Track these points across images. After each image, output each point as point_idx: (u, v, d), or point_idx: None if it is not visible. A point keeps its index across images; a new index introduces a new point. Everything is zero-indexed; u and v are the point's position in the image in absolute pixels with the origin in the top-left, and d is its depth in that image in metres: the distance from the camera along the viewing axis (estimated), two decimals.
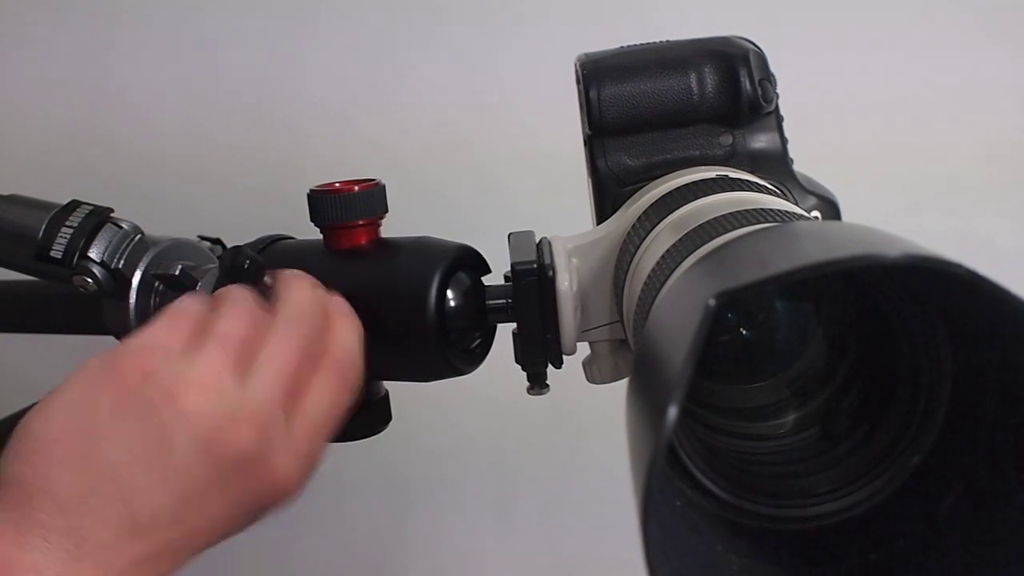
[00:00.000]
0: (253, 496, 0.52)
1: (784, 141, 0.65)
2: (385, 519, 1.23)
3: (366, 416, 0.66)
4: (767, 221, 0.47)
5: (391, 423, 0.69)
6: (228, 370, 0.51)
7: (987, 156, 1.06)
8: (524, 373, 0.62)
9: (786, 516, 0.48)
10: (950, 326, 0.44)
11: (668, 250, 0.49)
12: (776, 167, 0.64)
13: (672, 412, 0.32)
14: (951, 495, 0.44)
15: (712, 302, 0.33)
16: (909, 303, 0.45)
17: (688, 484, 0.46)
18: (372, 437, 0.67)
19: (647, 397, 0.35)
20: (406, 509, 1.23)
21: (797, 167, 0.65)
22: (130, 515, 0.48)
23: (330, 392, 0.55)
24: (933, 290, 0.42)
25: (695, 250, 0.46)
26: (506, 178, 1.10)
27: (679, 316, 0.36)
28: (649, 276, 0.50)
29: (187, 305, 0.55)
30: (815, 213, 0.64)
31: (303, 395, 0.54)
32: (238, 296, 0.56)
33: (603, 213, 0.64)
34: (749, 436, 0.52)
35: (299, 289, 0.57)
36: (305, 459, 0.54)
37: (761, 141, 0.64)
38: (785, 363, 0.54)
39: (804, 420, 0.52)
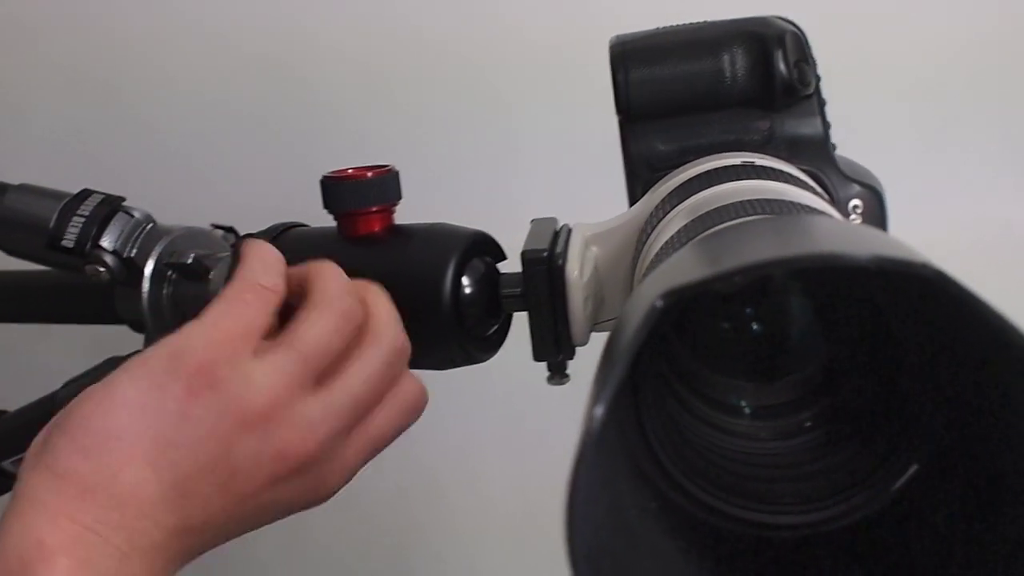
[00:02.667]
0: (292, 502, 0.51)
1: (826, 126, 0.62)
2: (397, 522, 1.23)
3: None
4: (770, 212, 0.45)
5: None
6: (299, 380, 0.49)
7: None
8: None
9: (779, 524, 0.46)
10: (931, 334, 0.42)
11: (671, 237, 0.47)
12: (815, 153, 0.62)
13: (599, 411, 0.32)
14: (945, 508, 0.42)
15: (659, 303, 0.32)
16: (904, 309, 0.43)
17: (668, 486, 0.45)
18: None
19: (592, 394, 0.34)
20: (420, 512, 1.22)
21: (842, 151, 0.63)
22: (185, 520, 0.47)
23: (393, 424, 0.54)
24: (913, 295, 0.40)
25: (694, 238, 0.44)
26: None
27: (633, 311, 0.35)
28: (651, 264, 0.48)
29: (262, 276, 0.52)
30: (855, 202, 0.61)
31: (372, 418, 0.53)
32: (331, 290, 0.53)
33: (634, 200, 0.63)
34: (745, 435, 0.51)
35: (383, 306, 0.55)
36: (351, 474, 0.53)
37: (800, 126, 0.62)
38: (791, 363, 0.53)
39: (805, 423, 0.51)
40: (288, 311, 0.53)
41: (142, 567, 0.46)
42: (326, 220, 0.65)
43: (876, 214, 0.61)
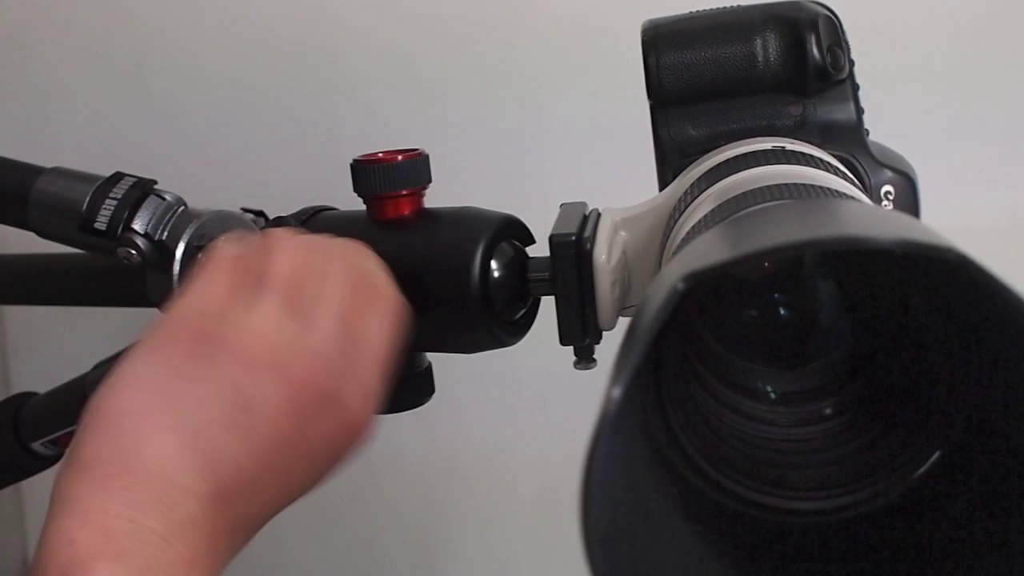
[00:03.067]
0: (330, 439, 0.51)
1: (859, 111, 0.62)
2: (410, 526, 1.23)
3: (410, 388, 0.66)
4: (798, 197, 0.45)
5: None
6: (286, 312, 0.51)
7: None
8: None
9: (799, 510, 0.46)
10: (956, 321, 0.42)
11: (698, 221, 0.47)
12: (848, 138, 0.61)
13: (616, 393, 0.32)
14: (966, 497, 0.42)
15: (680, 286, 0.32)
16: (929, 295, 0.43)
17: (689, 470, 0.45)
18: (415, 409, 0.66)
19: (611, 376, 0.34)
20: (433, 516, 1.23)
21: (874, 137, 0.62)
22: (216, 483, 0.46)
23: (381, 325, 0.55)
24: (937, 280, 0.40)
25: (719, 222, 0.44)
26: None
27: (655, 293, 0.35)
28: (677, 248, 0.48)
29: (227, 251, 0.54)
30: (887, 188, 0.61)
31: (358, 330, 0.53)
32: (281, 234, 0.56)
33: (665, 184, 0.63)
34: (768, 421, 0.51)
35: (326, 239, 0.57)
36: (370, 395, 0.53)
37: (833, 111, 0.62)
38: (816, 350, 0.53)
39: (828, 410, 0.51)
40: None
41: (184, 549, 0.44)
42: (354, 203, 0.65)
43: (908, 200, 0.61)
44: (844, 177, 0.54)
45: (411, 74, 1.12)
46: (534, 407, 1.16)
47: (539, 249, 0.64)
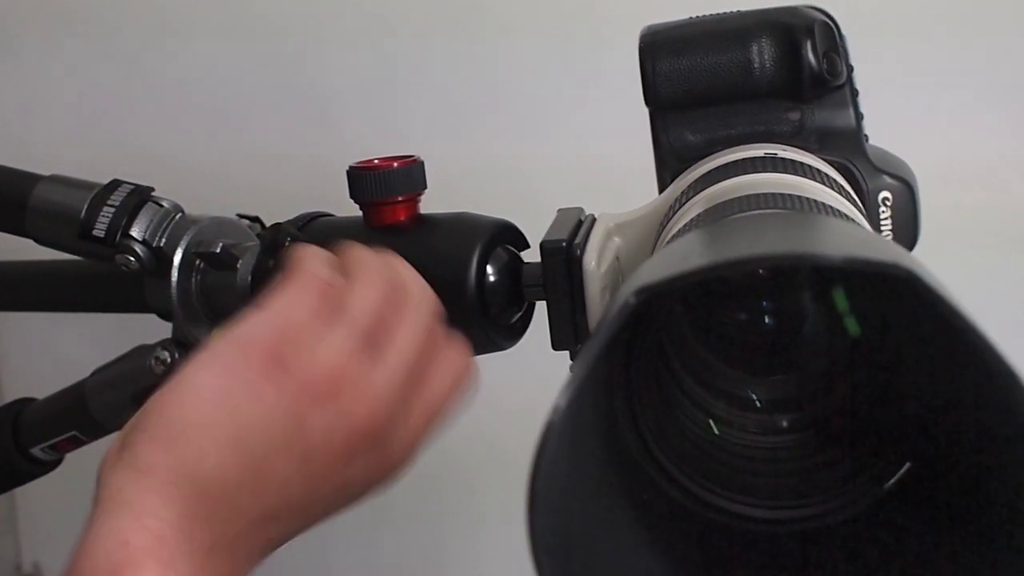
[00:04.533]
0: (366, 478, 0.52)
1: (858, 117, 0.62)
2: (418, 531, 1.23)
3: None
4: (780, 207, 0.45)
5: None
6: (359, 349, 0.51)
7: None
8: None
9: (772, 518, 0.46)
10: (917, 332, 0.42)
11: (680, 228, 0.47)
12: (846, 144, 0.61)
13: (561, 403, 0.32)
14: (933, 508, 0.42)
15: (632, 300, 0.32)
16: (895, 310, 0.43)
17: (661, 477, 0.45)
18: None
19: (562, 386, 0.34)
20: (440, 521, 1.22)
21: (874, 141, 0.62)
22: (265, 506, 0.47)
23: (444, 379, 0.55)
24: (894, 297, 0.40)
25: (692, 230, 0.45)
26: None
27: (614, 304, 0.35)
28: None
29: (316, 269, 0.53)
30: (885, 194, 0.61)
31: (423, 380, 0.54)
32: (370, 265, 0.55)
33: (663, 190, 0.62)
34: (742, 430, 0.51)
35: (412, 272, 0.57)
36: (417, 445, 0.54)
37: (831, 117, 0.61)
38: (791, 360, 0.53)
39: (801, 420, 0.51)
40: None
41: (225, 562, 0.46)
42: (349, 209, 0.66)
43: (907, 206, 0.61)
44: (832, 185, 0.54)
45: (405, 78, 1.12)
46: (531, 410, 1.15)
47: (534, 254, 0.63)
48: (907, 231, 0.60)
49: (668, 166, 0.62)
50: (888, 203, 0.60)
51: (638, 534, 0.42)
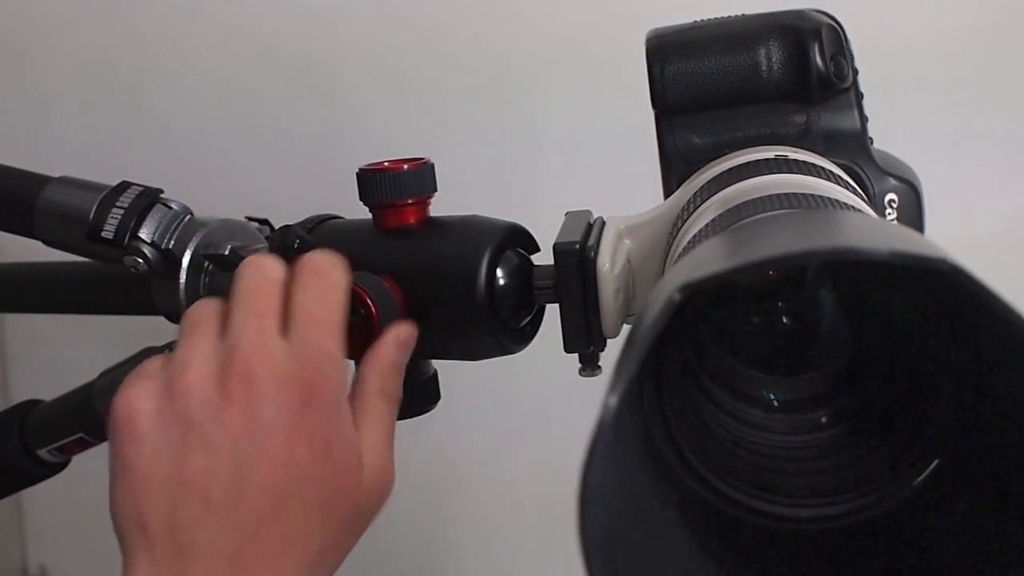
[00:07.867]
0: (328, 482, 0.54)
1: (863, 119, 0.62)
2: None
3: (415, 395, 0.65)
4: (799, 207, 0.45)
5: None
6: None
7: None
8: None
9: (799, 517, 0.46)
10: (952, 330, 0.42)
11: (699, 230, 0.47)
12: (851, 147, 0.61)
13: (612, 401, 0.32)
14: (963, 503, 0.42)
15: (677, 296, 0.33)
16: (926, 305, 0.43)
17: (690, 477, 0.45)
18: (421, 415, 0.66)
19: (609, 385, 0.34)
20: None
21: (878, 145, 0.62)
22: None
23: (315, 293, 0.56)
24: (934, 292, 0.40)
25: (720, 232, 0.44)
26: None
27: (653, 303, 0.35)
28: (679, 256, 0.48)
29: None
30: (891, 196, 0.61)
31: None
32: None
33: (669, 193, 0.63)
34: (768, 428, 0.51)
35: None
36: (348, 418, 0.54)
37: (837, 119, 0.62)
38: (816, 359, 0.53)
39: (827, 418, 0.51)
40: None
41: None
42: (358, 212, 0.66)
43: (912, 209, 0.61)
44: (846, 186, 0.54)
45: (412, 83, 1.12)
46: (538, 413, 1.16)
47: (544, 258, 0.64)
48: None
49: (674, 169, 0.63)
50: (894, 205, 0.60)
51: (673, 535, 0.42)
